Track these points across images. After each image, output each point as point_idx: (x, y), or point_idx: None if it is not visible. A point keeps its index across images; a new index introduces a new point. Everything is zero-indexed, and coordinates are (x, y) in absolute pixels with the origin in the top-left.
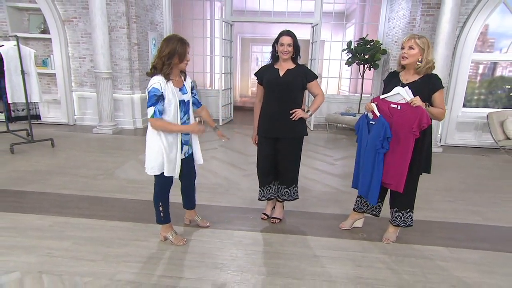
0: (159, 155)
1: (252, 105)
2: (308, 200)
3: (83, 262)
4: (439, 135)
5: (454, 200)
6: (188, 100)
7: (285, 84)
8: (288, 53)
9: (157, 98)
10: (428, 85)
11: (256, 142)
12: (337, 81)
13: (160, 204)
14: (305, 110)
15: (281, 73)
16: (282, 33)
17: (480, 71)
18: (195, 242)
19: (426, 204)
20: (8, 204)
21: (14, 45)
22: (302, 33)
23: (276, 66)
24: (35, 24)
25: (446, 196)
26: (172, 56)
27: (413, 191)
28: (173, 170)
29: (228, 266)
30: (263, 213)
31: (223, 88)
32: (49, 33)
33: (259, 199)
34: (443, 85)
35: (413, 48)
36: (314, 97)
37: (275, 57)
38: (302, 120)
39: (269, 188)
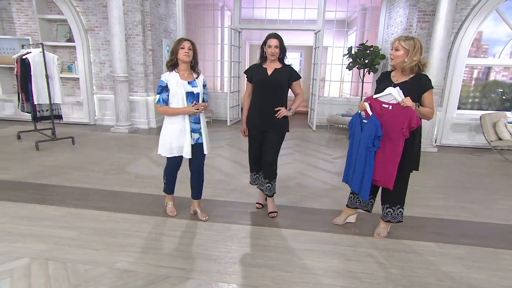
0: (167, 140)
1: None
2: (305, 196)
3: (87, 251)
4: (434, 136)
5: (446, 197)
6: (198, 93)
7: (273, 82)
8: (275, 54)
9: (161, 89)
10: (418, 85)
11: (246, 134)
12: (339, 84)
13: (164, 177)
14: (288, 109)
15: (269, 72)
16: (270, 36)
17: (475, 75)
18: (194, 234)
19: (419, 201)
20: (29, 195)
21: (40, 52)
22: (306, 40)
23: (264, 66)
24: (62, 34)
25: (438, 193)
26: (172, 52)
27: (404, 188)
28: (182, 151)
29: (222, 258)
30: (256, 203)
31: (231, 91)
32: (74, 41)
33: (250, 183)
34: (437, 87)
35: (398, 50)
36: (295, 96)
37: (263, 57)
38: (285, 117)
39: (257, 175)
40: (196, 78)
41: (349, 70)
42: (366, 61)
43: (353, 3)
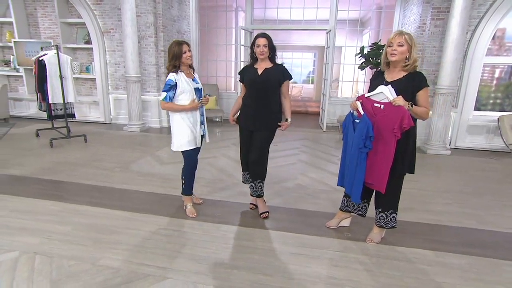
0: (185, 134)
1: None
2: (302, 197)
3: (75, 246)
4: (448, 138)
5: (452, 203)
6: (201, 88)
7: (263, 82)
8: (264, 53)
9: (170, 87)
10: (412, 84)
11: (233, 121)
12: (351, 84)
13: (183, 178)
14: (285, 120)
15: (260, 72)
16: (258, 36)
17: (496, 75)
18: (182, 233)
19: (421, 206)
20: (34, 190)
21: (55, 53)
22: (320, 40)
23: (255, 66)
24: (81, 36)
25: (444, 198)
26: (175, 57)
27: (397, 192)
28: (196, 142)
29: (205, 258)
30: (250, 203)
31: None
32: (91, 43)
33: (242, 181)
34: (451, 87)
35: (402, 45)
36: (283, 99)
37: (254, 58)
38: (274, 117)
39: (261, 184)
40: (194, 74)
41: (361, 70)
42: (379, 60)
43: (368, 2)
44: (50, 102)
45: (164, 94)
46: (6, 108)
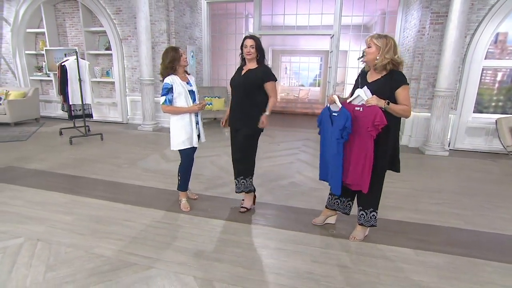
0: (181, 133)
1: (277, 109)
2: (293, 195)
3: (74, 235)
4: (448, 139)
5: (442, 203)
6: (195, 91)
7: (243, 83)
8: (251, 54)
9: (167, 90)
10: (390, 82)
11: (223, 124)
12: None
13: (179, 175)
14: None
15: (243, 73)
16: (246, 37)
17: (498, 78)
18: (174, 226)
19: (411, 205)
20: (48, 183)
21: (75, 59)
22: (326, 45)
23: (243, 67)
24: (102, 43)
25: (434, 198)
26: (173, 61)
27: (377, 191)
28: (192, 142)
29: (190, 250)
30: (242, 200)
31: None
32: (111, 50)
33: (236, 192)
34: (449, 89)
35: (370, 47)
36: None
37: (243, 59)
38: (255, 117)
39: (244, 180)
40: (189, 79)
41: None
42: None
43: (371, 8)
44: (70, 103)
45: (163, 98)
46: (37, 109)
